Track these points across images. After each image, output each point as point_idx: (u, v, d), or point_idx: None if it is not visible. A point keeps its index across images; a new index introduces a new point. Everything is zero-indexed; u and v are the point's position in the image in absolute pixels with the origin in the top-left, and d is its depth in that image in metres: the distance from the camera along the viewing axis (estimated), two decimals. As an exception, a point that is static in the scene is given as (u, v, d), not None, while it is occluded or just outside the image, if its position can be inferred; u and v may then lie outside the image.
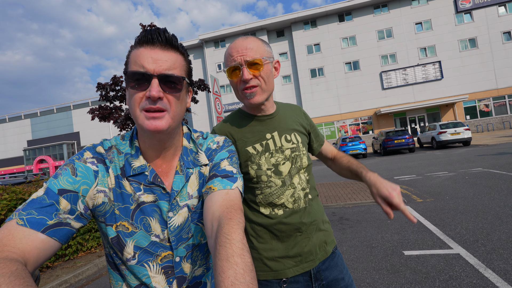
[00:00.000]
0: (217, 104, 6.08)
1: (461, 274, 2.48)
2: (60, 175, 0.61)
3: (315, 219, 1.02)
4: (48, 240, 0.55)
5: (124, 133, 0.76)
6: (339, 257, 1.07)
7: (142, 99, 0.65)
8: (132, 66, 0.65)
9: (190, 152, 0.78)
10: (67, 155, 33.37)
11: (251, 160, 0.98)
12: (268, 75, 0.96)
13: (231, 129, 1.04)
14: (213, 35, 28.05)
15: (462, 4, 24.21)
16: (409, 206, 4.84)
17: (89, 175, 0.64)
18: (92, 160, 0.67)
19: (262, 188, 0.98)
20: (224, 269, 0.47)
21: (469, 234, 3.30)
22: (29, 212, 0.55)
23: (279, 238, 0.98)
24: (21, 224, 0.53)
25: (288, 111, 1.12)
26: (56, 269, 3.72)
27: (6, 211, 3.23)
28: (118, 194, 0.67)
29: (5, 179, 15.93)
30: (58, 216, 0.57)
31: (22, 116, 36.54)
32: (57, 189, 0.59)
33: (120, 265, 0.71)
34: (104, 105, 7.99)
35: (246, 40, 0.94)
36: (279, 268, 0.97)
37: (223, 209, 0.62)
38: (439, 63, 24.40)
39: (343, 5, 25.77)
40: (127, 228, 0.67)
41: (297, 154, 1.03)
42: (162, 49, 0.66)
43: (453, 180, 6.46)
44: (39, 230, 0.54)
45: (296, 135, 1.05)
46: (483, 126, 23.75)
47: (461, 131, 13.62)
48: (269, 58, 0.96)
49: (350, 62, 26.39)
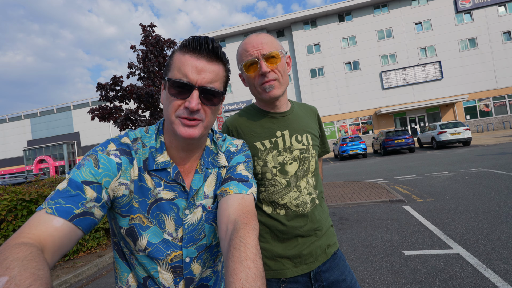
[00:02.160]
0: (217, 104, 6.08)
1: (461, 274, 2.48)
2: (83, 166, 0.62)
3: (319, 225, 1.00)
4: (72, 228, 0.56)
5: (147, 127, 0.77)
6: (340, 258, 1.06)
7: (180, 107, 0.66)
8: (175, 73, 0.66)
9: (210, 153, 0.79)
10: (67, 155, 33.37)
11: (257, 155, 0.98)
12: (284, 69, 0.96)
13: (241, 123, 1.04)
14: (213, 35, 28.04)
15: (462, 4, 24.20)
16: (409, 206, 4.84)
17: (111, 167, 0.64)
18: (116, 152, 0.66)
19: (266, 185, 0.98)
20: (236, 271, 0.48)
21: (469, 234, 3.30)
22: (57, 201, 0.56)
23: (279, 239, 0.98)
24: (50, 213, 0.54)
25: (303, 111, 1.10)
26: (56, 269, 3.72)
27: (6, 211, 3.23)
28: (138, 186, 0.68)
29: (5, 179, 15.92)
30: (84, 206, 0.58)
31: (22, 116, 36.52)
32: (80, 180, 0.59)
33: (130, 255, 0.71)
34: (104, 105, 7.99)
35: (260, 36, 0.94)
36: (278, 267, 0.97)
37: (239, 213, 0.63)
38: (439, 63, 24.40)
39: (343, 5, 25.76)
40: (143, 221, 0.68)
41: (306, 156, 1.01)
42: (207, 59, 0.67)
43: (453, 180, 6.46)
44: (67, 218, 0.55)
45: (307, 137, 1.03)
46: (483, 126, 23.74)
47: (461, 131, 13.62)
48: (283, 52, 0.96)
49: (350, 62, 26.38)
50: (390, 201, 5.29)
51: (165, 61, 8.44)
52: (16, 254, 0.44)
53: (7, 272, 0.40)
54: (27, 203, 3.40)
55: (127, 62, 8.22)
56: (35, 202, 3.52)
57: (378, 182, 7.20)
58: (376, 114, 25.39)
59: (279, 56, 0.92)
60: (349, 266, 1.07)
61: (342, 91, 26.29)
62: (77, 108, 35.01)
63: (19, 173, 29.06)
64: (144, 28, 8.52)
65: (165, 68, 0.70)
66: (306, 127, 1.05)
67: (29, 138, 35.96)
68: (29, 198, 3.41)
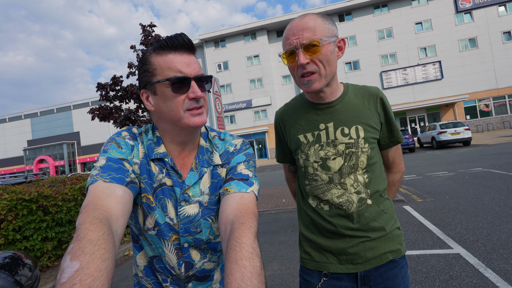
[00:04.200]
0: (217, 104, 6.08)
1: (461, 274, 2.48)
2: (109, 149, 0.69)
3: (372, 226, 0.90)
4: (129, 194, 0.64)
5: (144, 126, 0.82)
6: (402, 268, 0.93)
7: (184, 101, 0.70)
8: (166, 73, 0.69)
9: (206, 151, 0.81)
10: (67, 155, 33.37)
11: (300, 149, 0.96)
12: (329, 58, 0.84)
13: (287, 115, 1.02)
14: (213, 35, 28.03)
15: (462, 4, 24.19)
16: (409, 206, 4.84)
17: (128, 148, 0.72)
18: (129, 137, 0.75)
19: (309, 179, 0.95)
20: (232, 271, 0.48)
21: (469, 234, 3.30)
22: (109, 173, 0.63)
23: (323, 233, 0.95)
24: (108, 182, 0.61)
25: (358, 98, 0.95)
26: (56, 269, 3.72)
27: (6, 210, 3.23)
28: (146, 169, 0.74)
29: (5, 179, 15.92)
30: (129, 176, 0.66)
31: (22, 116, 36.52)
32: (116, 158, 0.67)
33: (139, 235, 0.77)
34: (104, 105, 7.98)
35: (303, 20, 0.85)
36: (321, 260, 0.94)
37: (236, 213, 0.64)
38: (439, 63, 24.39)
39: (343, 5, 25.76)
40: (152, 201, 0.73)
41: (354, 151, 0.90)
42: (188, 53, 0.72)
43: (453, 180, 6.46)
44: (124, 184, 0.63)
45: (358, 129, 0.91)
46: (483, 126, 23.74)
47: (461, 131, 13.62)
48: (329, 38, 0.84)
49: (350, 62, 26.39)
50: (390, 201, 5.28)
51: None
52: (91, 234, 0.48)
53: (81, 256, 0.44)
54: (27, 203, 3.39)
55: (127, 62, 8.22)
56: (35, 201, 3.52)
57: (378, 182, 7.19)
58: (376, 114, 25.38)
59: (319, 44, 0.82)
60: (408, 279, 0.96)
61: (342, 91, 26.28)
62: (77, 108, 35.01)
63: (19, 173, 29.06)
64: (144, 28, 8.51)
65: (145, 75, 0.72)
66: (357, 117, 0.92)
67: (29, 138, 35.97)
68: (29, 198, 3.41)
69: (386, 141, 0.98)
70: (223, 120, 6.20)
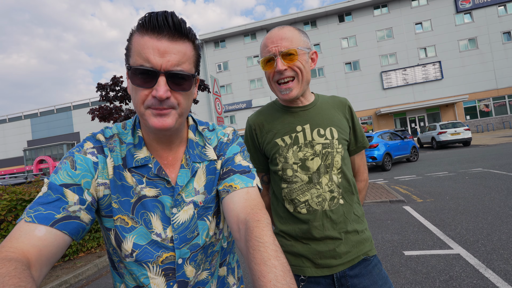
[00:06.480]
0: (217, 104, 6.08)
1: (461, 274, 2.48)
2: (60, 170, 0.59)
3: (344, 225, 0.94)
4: (57, 235, 0.52)
5: (125, 122, 0.72)
6: (375, 266, 0.97)
7: (147, 97, 0.59)
8: (136, 58, 0.58)
9: (196, 145, 0.73)
10: (67, 155, 33.30)
11: (278, 152, 0.97)
12: (304, 66, 0.92)
13: (263, 120, 1.03)
14: (213, 35, 28.05)
15: (462, 4, 24.20)
16: (409, 206, 4.84)
17: (89, 167, 0.61)
18: (93, 150, 0.63)
19: (288, 182, 0.96)
20: (264, 273, 0.47)
21: (469, 234, 3.30)
22: (36, 209, 0.53)
23: (299, 237, 0.96)
24: (29, 221, 0.51)
25: (329, 104, 1.03)
26: (56, 269, 3.72)
27: (6, 211, 3.23)
28: (117, 186, 0.63)
29: (5, 179, 15.92)
30: (66, 210, 0.55)
31: (22, 116, 36.52)
32: (59, 184, 0.57)
33: (119, 263, 0.67)
34: (104, 105, 7.99)
35: (282, 30, 0.91)
36: (297, 264, 0.95)
37: (248, 210, 0.60)
38: (439, 63, 24.39)
39: (343, 5, 25.76)
40: (127, 222, 0.63)
41: (329, 151, 0.95)
42: (170, 39, 0.58)
43: (453, 180, 6.46)
44: (48, 224, 0.52)
45: (332, 130, 0.97)
46: (483, 126, 23.73)
47: (461, 131, 13.61)
48: (305, 49, 0.92)
49: (350, 62, 26.38)
50: (390, 201, 5.28)
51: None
52: None
53: None
54: (27, 203, 3.40)
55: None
56: (35, 202, 3.53)
57: (378, 182, 7.20)
58: (376, 114, 25.39)
59: (297, 53, 0.89)
60: (387, 276, 0.98)
61: (342, 91, 26.28)
62: (77, 108, 35.01)
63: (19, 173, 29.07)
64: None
65: (126, 54, 0.62)
66: (330, 120, 0.98)
67: (29, 138, 35.95)
68: (29, 198, 3.41)
69: (353, 147, 1.06)
70: (223, 120, 6.20)
